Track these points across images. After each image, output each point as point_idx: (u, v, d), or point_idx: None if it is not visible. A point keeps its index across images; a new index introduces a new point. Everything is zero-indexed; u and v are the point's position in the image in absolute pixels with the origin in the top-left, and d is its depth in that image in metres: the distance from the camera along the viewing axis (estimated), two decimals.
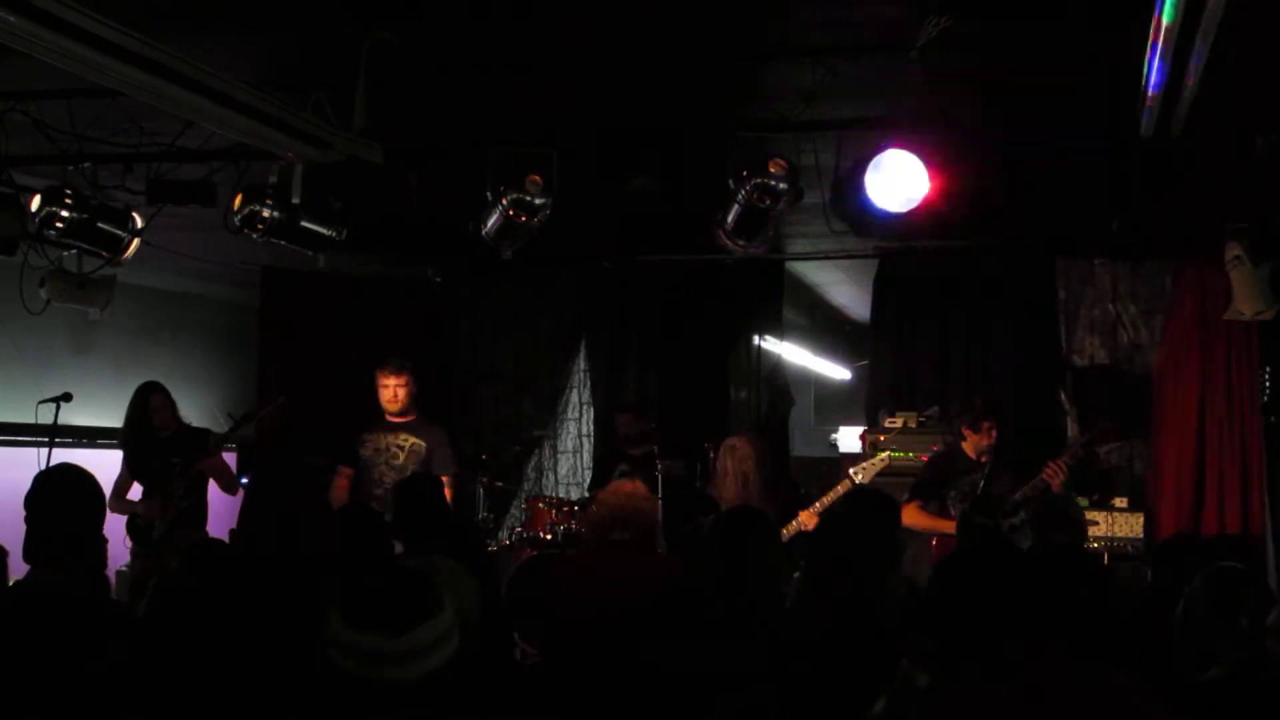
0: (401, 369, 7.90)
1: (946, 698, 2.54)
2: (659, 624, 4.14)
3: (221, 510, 7.67)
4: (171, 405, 7.61)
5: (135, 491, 7.59)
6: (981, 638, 2.38)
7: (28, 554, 3.68)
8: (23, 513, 3.76)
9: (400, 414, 7.93)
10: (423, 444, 7.85)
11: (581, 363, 10.40)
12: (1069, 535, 5.64)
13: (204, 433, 7.68)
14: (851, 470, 7.65)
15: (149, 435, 7.54)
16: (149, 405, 7.53)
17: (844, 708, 3.07)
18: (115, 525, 3.96)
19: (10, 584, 4.06)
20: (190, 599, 3.42)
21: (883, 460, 7.81)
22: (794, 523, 7.27)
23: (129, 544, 7.34)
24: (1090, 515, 8.16)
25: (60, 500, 3.72)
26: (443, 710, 2.49)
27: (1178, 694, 3.16)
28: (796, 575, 4.37)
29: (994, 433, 7.29)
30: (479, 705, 3.16)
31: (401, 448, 7.81)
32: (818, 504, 7.35)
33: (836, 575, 3.67)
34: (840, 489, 7.41)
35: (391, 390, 7.85)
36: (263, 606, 3.70)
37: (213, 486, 7.60)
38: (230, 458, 8.10)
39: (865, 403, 9.65)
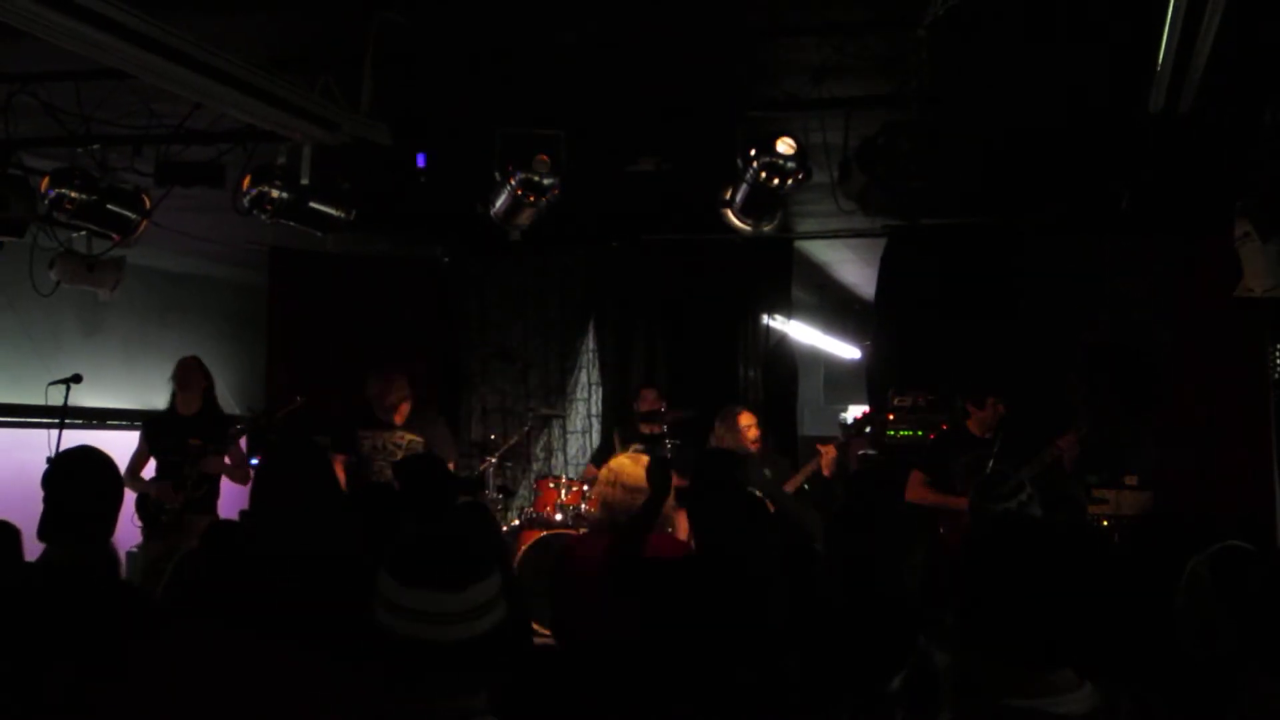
0: (406, 394, 7.93)
1: None
2: (669, 604, 4.16)
3: (232, 493, 7.67)
4: (198, 385, 7.59)
5: (149, 470, 7.62)
6: (1002, 616, 2.37)
7: (42, 533, 3.69)
8: (33, 493, 3.77)
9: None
10: (420, 440, 7.86)
11: (590, 343, 10.39)
12: (1070, 514, 5.65)
13: (226, 420, 7.67)
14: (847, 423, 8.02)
15: (170, 415, 7.59)
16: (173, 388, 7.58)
17: (861, 684, 3.07)
18: (125, 504, 3.96)
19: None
20: (208, 577, 3.42)
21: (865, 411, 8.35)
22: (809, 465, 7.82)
23: (138, 523, 7.36)
24: (1099, 493, 8.19)
25: (78, 481, 3.72)
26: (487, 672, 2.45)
27: (1176, 671, 3.14)
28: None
29: (999, 409, 7.29)
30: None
31: (400, 445, 7.84)
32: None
33: (851, 554, 3.67)
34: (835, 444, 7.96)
35: (397, 409, 7.88)
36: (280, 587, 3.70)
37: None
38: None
39: (868, 381, 9.67)
